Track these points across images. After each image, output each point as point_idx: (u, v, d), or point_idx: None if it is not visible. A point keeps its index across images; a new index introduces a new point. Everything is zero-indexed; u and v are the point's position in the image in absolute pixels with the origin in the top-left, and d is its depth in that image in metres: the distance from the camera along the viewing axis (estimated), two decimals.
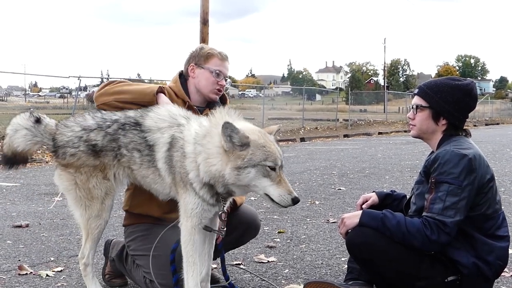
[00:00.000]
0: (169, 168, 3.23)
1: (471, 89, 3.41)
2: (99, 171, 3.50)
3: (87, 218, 3.54)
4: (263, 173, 2.92)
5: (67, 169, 3.52)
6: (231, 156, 2.92)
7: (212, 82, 3.79)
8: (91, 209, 3.53)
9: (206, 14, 16.25)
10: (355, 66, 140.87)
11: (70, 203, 3.59)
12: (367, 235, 3.28)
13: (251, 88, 79.46)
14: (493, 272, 3.31)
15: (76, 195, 3.52)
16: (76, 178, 3.50)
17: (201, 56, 3.82)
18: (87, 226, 3.56)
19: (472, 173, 3.20)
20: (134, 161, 3.41)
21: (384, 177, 10.38)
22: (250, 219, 3.88)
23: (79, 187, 3.50)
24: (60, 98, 69.14)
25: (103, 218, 3.57)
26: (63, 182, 3.56)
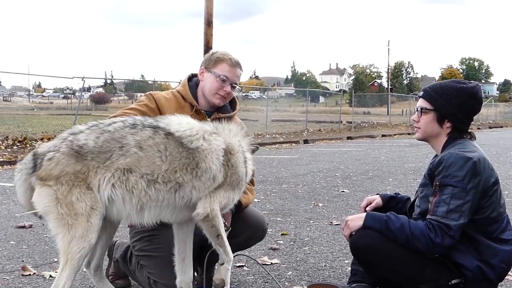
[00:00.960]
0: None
1: (476, 92, 3.40)
2: (81, 180, 3.07)
3: (69, 240, 3.06)
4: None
5: (46, 183, 3.08)
6: None
7: (216, 87, 3.75)
8: (75, 228, 3.06)
9: (210, 15, 16.27)
10: (358, 68, 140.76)
11: (52, 225, 3.11)
12: (371, 238, 3.28)
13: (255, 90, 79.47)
14: (497, 276, 3.30)
15: (57, 213, 3.07)
16: (57, 192, 3.06)
17: (211, 60, 3.80)
18: (68, 250, 3.07)
19: (477, 176, 3.20)
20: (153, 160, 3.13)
21: (387, 180, 10.37)
22: (258, 223, 3.87)
23: (60, 203, 3.06)
24: (64, 98, 69.28)
25: (88, 240, 3.08)
26: (42, 199, 3.09)
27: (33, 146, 15.30)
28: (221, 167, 3.24)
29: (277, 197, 8.25)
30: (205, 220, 3.22)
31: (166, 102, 3.76)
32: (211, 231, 3.28)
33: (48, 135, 17.10)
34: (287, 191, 8.95)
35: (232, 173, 3.29)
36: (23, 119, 21.15)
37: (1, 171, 11.72)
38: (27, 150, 14.77)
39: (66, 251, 3.07)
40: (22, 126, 18.07)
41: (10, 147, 15.04)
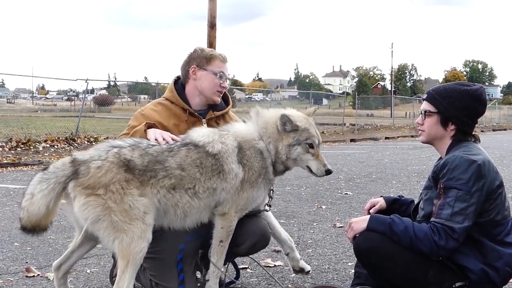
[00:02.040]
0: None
1: (480, 94, 3.39)
2: (134, 188, 3.20)
3: (129, 242, 3.15)
4: (306, 149, 3.54)
5: (94, 192, 3.13)
6: (284, 137, 3.54)
7: (216, 84, 3.83)
8: (132, 231, 3.16)
9: (214, 18, 16.28)
10: (362, 70, 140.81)
11: (105, 233, 3.17)
12: (374, 240, 3.27)
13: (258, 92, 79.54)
14: (501, 279, 3.30)
15: (110, 222, 3.14)
16: (108, 200, 3.13)
17: (203, 58, 3.84)
18: (128, 252, 3.16)
19: (481, 179, 3.19)
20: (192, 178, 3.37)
21: (391, 182, 10.36)
22: (260, 231, 3.83)
23: (113, 211, 3.14)
24: (68, 100, 69.42)
25: (146, 239, 3.21)
26: (91, 210, 3.13)
27: (36, 148, 15.35)
28: (239, 164, 3.49)
29: (280, 199, 8.24)
30: (220, 218, 3.52)
31: (157, 113, 3.80)
32: (219, 231, 3.54)
33: (52, 137, 17.15)
34: (290, 193, 8.95)
35: (248, 168, 3.51)
36: (26, 121, 21.20)
37: (5, 173, 11.74)
38: (30, 152, 14.82)
39: (126, 254, 3.17)
40: (26, 128, 18.11)
41: (13, 149, 15.07)
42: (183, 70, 3.93)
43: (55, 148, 15.95)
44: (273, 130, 3.59)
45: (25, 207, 3.24)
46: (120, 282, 3.21)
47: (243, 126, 3.71)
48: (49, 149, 15.63)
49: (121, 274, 3.21)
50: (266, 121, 3.63)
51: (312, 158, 3.59)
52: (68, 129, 18.58)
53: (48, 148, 15.80)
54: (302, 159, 3.58)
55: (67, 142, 16.79)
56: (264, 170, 3.59)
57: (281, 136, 3.56)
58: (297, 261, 4.02)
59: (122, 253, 3.18)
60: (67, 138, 17.11)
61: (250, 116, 3.73)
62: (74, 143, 16.84)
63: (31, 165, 12.91)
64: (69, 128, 18.62)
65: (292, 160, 3.58)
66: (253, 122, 3.68)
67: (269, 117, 3.65)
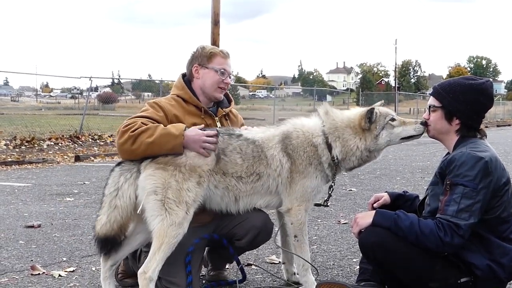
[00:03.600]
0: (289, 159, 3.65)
1: (485, 88, 3.36)
2: (197, 176, 3.46)
3: (169, 224, 3.35)
4: (392, 127, 3.66)
5: (165, 167, 3.41)
6: (367, 131, 3.66)
7: (218, 81, 3.84)
8: (176, 215, 3.36)
9: (217, 15, 16.24)
10: (366, 67, 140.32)
11: (152, 207, 3.37)
12: (380, 235, 3.27)
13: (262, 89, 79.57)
14: (507, 275, 3.29)
15: (163, 197, 3.36)
16: (173, 178, 3.39)
17: (204, 56, 3.85)
18: (165, 233, 3.34)
19: (488, 176, 3.17)
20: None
21: (395, 178, 10.34)
22: (262, 223, 3.85)
23: (171, 188, 3.37)
24: (71, 98, 69.43)
25: (183, 228, 3.40)
26: (155, 181, 3.38)
27: (41, 146, 15.38)
28: (284, 153, 3.63)
29: None
30: (287, 215, 3.70)
31: (173, 108, 3.78)
32: (290, 228, 3.72)
33: (56, 135, 17.19)
34: None
35: (296, 158, 3.62)
36: (31, 119, 21.21)
37: (9, 171, 11.76)
38: (35, 150, 14.85)
39: (163, 234, 3.34)
40: (30, 126, 18.15)
41: (18, 147, 15.11)
42: (188, 70, 3.95)
43: (59, 146, 15.99)
44: (349, 129, 3.69)
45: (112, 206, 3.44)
46: (150, 262, 3.35)
47: (303, 119, 3.84)
48: (53, 147, 15.66)
49: (152, 254, 3.35)
50: (336, 122, 3.73)
51: (402, 128, 3.68)
52: (72, 127, 18.61)
53: (53, 146, 15.84)
54: (394, 135, 3.68)
55: (71, 140, 16.83)
56: (316, 161, 3.67)
57: (361, 135, 3.67)
58: (291, 274, 4.07)
59: (159, 233, 3.34)
60: (71, 136, 17.16)
61: (317, 113, 3.84)
62: (78, 141, 16.89)
63: (35, 163, 12.93)
64: (73, 126, 18.65)
65: (384, 145, 3.73)
66: (320, 118, 3.78)
67: (340, 117, 3.76)
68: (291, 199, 3.67)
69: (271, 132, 3.72)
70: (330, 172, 3.76)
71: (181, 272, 3.66)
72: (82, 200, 7.98)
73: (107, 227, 3.46)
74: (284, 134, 3.69)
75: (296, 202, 3.67)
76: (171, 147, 3.46)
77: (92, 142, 17.09)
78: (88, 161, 13.82)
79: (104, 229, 3.47)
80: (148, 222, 3.42)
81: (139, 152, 3.46)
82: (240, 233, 3.79)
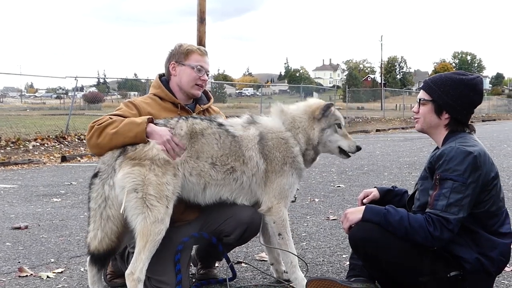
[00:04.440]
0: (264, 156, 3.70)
1: (475, 84, 3.38)
2: (172, 167, 3.43)
3: (152, 222, 3.31)
4: (335, 130, 3.82)
5: (141, 162, 3.37)
6: (316, 122, 3.78)
7: (194, 78, 3.86)
8: (157, 211, 3.33)
9: (203, 12, 16.20)
10: (352, 63, 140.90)
11: (133, 205, 3.33)
12: (370, 231, 3.27)
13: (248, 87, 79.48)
14: (495, 268, 3.31)
15: (144, 195, 3.32)
16: (151, 173, 3.35)
17: (181, 53, 3.87)
18: (149, 231, 3.31)
19: (477, 171, 3.19)
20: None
21: (382, 174, 10.38)
22: (250, 218, 3.82)
23: (151, 184, 3.33)
24: (57, 98, 68.96)
25: (165, 223, 3.37)
26: (134, 178, 3.33)
27: (26, 147, 15.24)
28: (261, 154, 3.66)
29: None
30: (268, 215, 3.71)
31: (148, 106, 3.79)
32: (274, 227, 3.73)
33: (42, 135, 17.04)
34: None
35: (272, 159, 3.66)
36: (15, 120, 21.01)
37: None
38: (20, 151, 14.72)
39: (147, 232, 3.31)
40: (15, 127, 17.95)
41: (3, 148, 14.95)
42: (165, 68, 3.97)
43: (45, 146, 15.86)
44: (303, 120, 3.81)
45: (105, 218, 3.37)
46: (136, 262, 3.32)
47: (268, 119, 3.88)
48: (39, 148, 15.53)
49: (137, 254, 3.32)
50: (293, 115, 3.83)
51: (342, 138, 3.85)
52: (58, 127, 18.46)
53: (38, 146, 15.70)
54: (334, 138, 3.82)
55: (57, 140, 16.69)
56: (291, 159, 3.73)
57: (312, 124, 3.79)
58: (281, 273, 4.07)
59: (143, 232, 3.30)
60: (57, 137, 17.01)
61: (272, 112, 3.91)
62: (64, 141, 16.75)
63: (21, 164, 12.83)
64: (59, 126, 18.50)
65: (323, 144, 3.81)
66: (278, 117, 3.86)
67: (295, 110, 3.87)
68: (269, 198, 3.69)
69: (252, 132, 3.71)
70: (303, 164, 3.81)
71: (170, 271, 3.64)
72: (69, 201, 7.92)
73: (106, 241, 3.38)
74: (261, 135, 3.71)
75: (275, 200, 3.69)
76: (133, 135, 3.45)
77: (79, 142, 16.96)
78: (75, 161, 13.74)
79: (104, 244, 3.38)
80: (129, 221, 3.37)
81: (104, 143, 3.48)
82: (228, 230, 3.78)
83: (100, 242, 3.38)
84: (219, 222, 3.80)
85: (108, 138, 3.47)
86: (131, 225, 3.39)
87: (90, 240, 3.41)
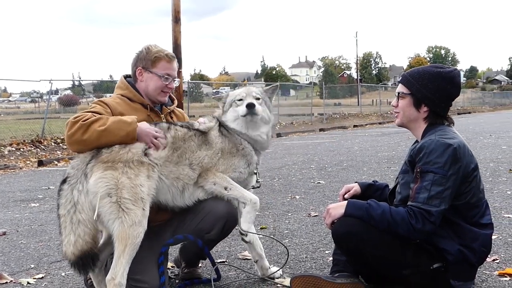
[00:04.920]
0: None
1: (452, 76, 3.42)
2: (145, 169, 3.41)
3: (129, 225, 3.26)
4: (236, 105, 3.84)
5: (114, 165, 3.33)
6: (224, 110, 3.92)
7: (161, 86, 3.87)
8: (134, 214, 3.28)
9: (178, 12, 16.10)
10: (328, 60, 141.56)
11: (108, 210, 3.28)
12: (352, 225, 3.29)
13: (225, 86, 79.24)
14: (477, 259, 3.34)
15: (118, 199, 3.27)
16: (123, 176, 3.31)
17: (148, 60, 3.85)
18: (126, 236, 3.26)
19: (457, 163, 3.22)
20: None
21: (362, 169, 10.43)
22: (226, 211, 3.76)
23: (125, 187, 3.29)
24: (31, 102, 67.95)
25: (143, 225, 3.32)
26: (107, 183, 3.28)
27: (2, 152, 15.01)
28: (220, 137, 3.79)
29: (253, 191, 8.20)
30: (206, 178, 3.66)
31: (119, 106, 3.77)
32: (218, 186, 3.66)
33: (17, 140, 16.80)
34: (263, 185, 8.90)
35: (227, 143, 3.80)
36: None
37: None
38: None
39: (125, 236, 3.26)
40: None
41: None
42: (132, 71, 3.95)
43: (21, 151, 15.64)
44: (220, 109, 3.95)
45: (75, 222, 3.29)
46: (117, 267, 3.27)
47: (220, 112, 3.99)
48: (15, 153, 15.31)
49: (117, 259, 3.27)
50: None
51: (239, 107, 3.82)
52: (33, 131, 18.20)
53: (14, 151, 15.48)
54: (239, 112, 3.78)
55: (33, 144, 16.47)
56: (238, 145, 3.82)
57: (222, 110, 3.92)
58: (266, 269, 4.04)
59: (121, 236, 3.25)
60: (33, 141, 16.78)
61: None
62: (40, 145, 16.53)
63: None
64: (34, 131, 18.24)
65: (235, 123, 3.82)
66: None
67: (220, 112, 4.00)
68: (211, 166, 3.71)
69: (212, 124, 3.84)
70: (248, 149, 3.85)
71: (149, 270, 3.60)
72: (48, 205, 7.81)
73: (80, 243, 3.29)
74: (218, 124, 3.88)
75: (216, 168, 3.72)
76: (125, 134, 3.45)
77: (55, 146, 16.76)
78: (52, 165, 13.57)
79: (78, 246, 3.29)
80: (106, 226, 3.33)
81: (91, 140, 3.42)
82: (207, 227, 3.75)
83: (74, 245, 3.29)
84: (197, 221, 3.78)
85: (96, 135, 3.41)
86: (108, 230, 3.35)
87: (65, 248, 3.32)
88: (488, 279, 3.81)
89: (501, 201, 6.60)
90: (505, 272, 3.88)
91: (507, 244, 4.68)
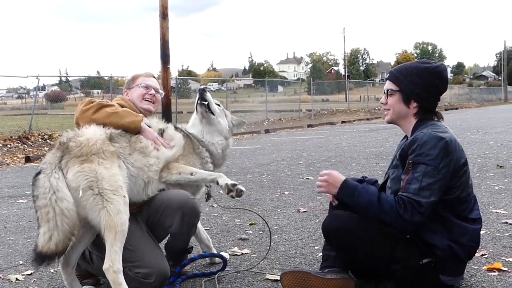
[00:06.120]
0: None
1: (440, 71, 3.44)
2: (116, 159, 3.53)
3: (115, 214, 3.31)
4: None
5: (88, 159, 3.39)
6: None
7: (142, 93, 4.20)
8: (117, 202, 3.34)
9: (166, 8, 16.08)
10: (315, 56, 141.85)
11: (93, 203, 3.32)
12: (342, 220, 3.33)
13: (213, 82, 79.06)
14: (466, 254, 3.36)
15: (99, 190, 3.32)
16: (100, 167, 3.38)
17: (129, 81, 4.33)
18: (115, 222, 3.31)
19: (449, 156, 3.24)
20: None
21: (350, 165, 10.46)
22: (182, 203, 3.76)
23: (104, 178, 3.35)
24: (18, 98, 67.42)
25: (127, 212, 3.40)
26: (85, 176, 3.32)
27: None
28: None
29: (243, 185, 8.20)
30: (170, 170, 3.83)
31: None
32: (180, 177, 3.83)
33: (4, 136, 16.67)
34: (252, 181, 8.94)
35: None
36: None
37: None
38: None
39: (113, 225, 3.31)
40: None
41: None
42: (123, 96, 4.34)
43: (8, 147, 15.53)
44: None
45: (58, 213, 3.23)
46: (112, 255, 3.32)
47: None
48: (1, 149, 15.20)
49: (110, 247, 3.32)
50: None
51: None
52: (20, 127, 18.06)
53: (1, 147, 15.36)
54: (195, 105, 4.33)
55: (20, 140, 16.36)
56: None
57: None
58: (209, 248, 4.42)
59: (109, 224, 3.31)
60: (20, 137, 16.65)
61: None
62: (28, 141, 16.42)
63: None
64: (21, 127, 18.10)
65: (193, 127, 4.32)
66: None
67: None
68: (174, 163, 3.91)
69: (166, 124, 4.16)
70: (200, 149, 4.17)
71: (146, 255, 3.61)
72: None
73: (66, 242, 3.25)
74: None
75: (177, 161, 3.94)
76: (131, 121, 3.78)
77: (43, 142, 16.66)
78: (39, 161, 13.46)
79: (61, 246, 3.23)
80: (91, 218, 3.36)
81: (99, 118, 3.72)
82: (167, 221, 3.78)
83: (56, 245, 3.22)
84: (158, 215, 3.81)
85: (105, 115, 3.74)
86: (94, 222, 3.37)
87: (43, 243, 3.21)
88: (477, 274, 3.84)
89: (488, 196, 6.65)
90: (493, 267, 3.92)
91: (495, 239, 4.72)
